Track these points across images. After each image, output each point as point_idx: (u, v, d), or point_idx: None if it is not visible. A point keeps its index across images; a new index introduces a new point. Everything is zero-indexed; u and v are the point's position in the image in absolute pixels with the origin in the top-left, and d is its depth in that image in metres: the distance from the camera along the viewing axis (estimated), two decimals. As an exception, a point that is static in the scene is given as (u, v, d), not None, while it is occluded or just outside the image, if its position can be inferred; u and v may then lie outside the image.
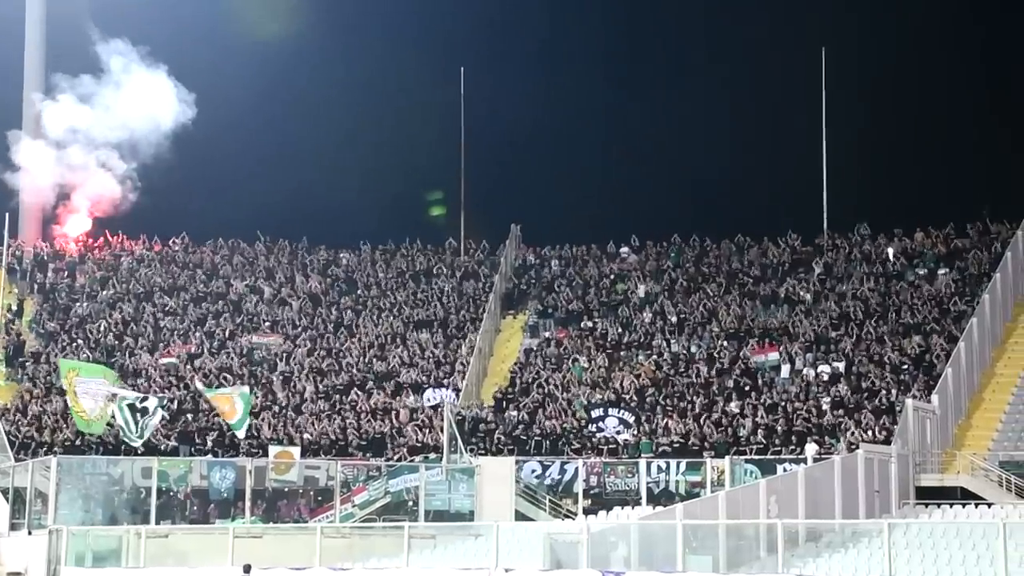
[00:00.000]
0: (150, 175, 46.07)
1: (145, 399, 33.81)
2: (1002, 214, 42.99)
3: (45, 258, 46.80)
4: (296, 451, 34.93)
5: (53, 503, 30.89)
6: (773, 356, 38.50)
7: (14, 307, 43.76)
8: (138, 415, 33.57)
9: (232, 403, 34.23)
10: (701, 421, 35.85)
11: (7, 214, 46.18)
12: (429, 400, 38.54)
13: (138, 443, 33.98)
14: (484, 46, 51.34)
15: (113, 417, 33.43)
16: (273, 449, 35.02)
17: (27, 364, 40.71)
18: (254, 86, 49.38)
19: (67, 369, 34.42)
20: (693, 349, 39.65)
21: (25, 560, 30.06)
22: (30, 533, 31.14)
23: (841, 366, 37.58)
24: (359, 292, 45.04)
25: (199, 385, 36.57)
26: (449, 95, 48.40)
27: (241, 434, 34.83)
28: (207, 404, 35.99)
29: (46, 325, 43.05)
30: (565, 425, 36.67)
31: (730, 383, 37.50)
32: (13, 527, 32.05)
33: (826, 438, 34.53)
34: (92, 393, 33.38)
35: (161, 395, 35.98)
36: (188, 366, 40.42)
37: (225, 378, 38.80)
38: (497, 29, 52.02)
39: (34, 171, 46.63)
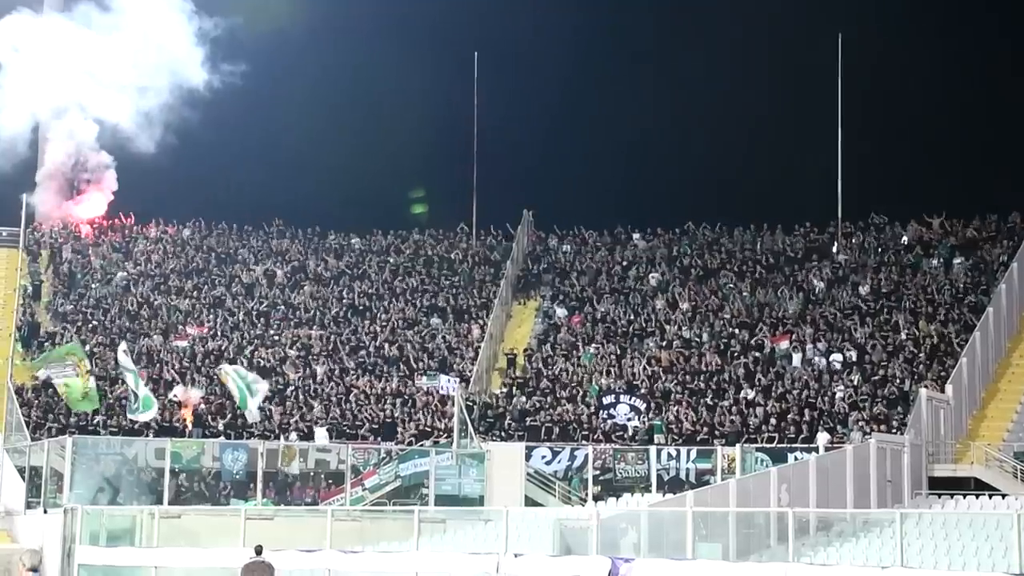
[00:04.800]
0: (168, 139, 45.81)
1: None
2: (1021, 203, 42.79)
3: (60, 240, 46.91)
4: (299, 446, 34.92)
5: (68, 482, 31.06)
6: (784, 345, 38.40)
7: (30, 288, 43.89)
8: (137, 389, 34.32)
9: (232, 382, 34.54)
10: (713, 409, 35.79)
11: (24, 196, 46.24)
12: (440, 385, 38.56)
13: (149, 415, 34.48)
14: (497, 31, 51.16)
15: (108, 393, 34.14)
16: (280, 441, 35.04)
17: (44, 345, 40.85)
18: (270, 72, 49.30)
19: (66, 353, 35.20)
20: (705, 337, 39.57)
21: (40, 538, 30.24)
22: (45, 512, 31.34)
23: (854, 355, 37.45)
24: (371, 277, 45.08)
25: (226, 368, 36.57)
26: (462, 80, 48.30)
27: (252, 415, 34.93)
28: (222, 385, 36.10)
29: (61, 307, 43.19)
30: (576, 411, 36.65)
31: (742, 371, 37.43)
32: (29, 505, 32.26)
33: (838, 427, 34.43)
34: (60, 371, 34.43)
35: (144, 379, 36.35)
36: (202, 349, 40.52)
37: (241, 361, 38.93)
38: (511, 14, 51.83)
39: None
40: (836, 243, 43.88)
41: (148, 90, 45.10)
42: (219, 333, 41.55)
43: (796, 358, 37.86)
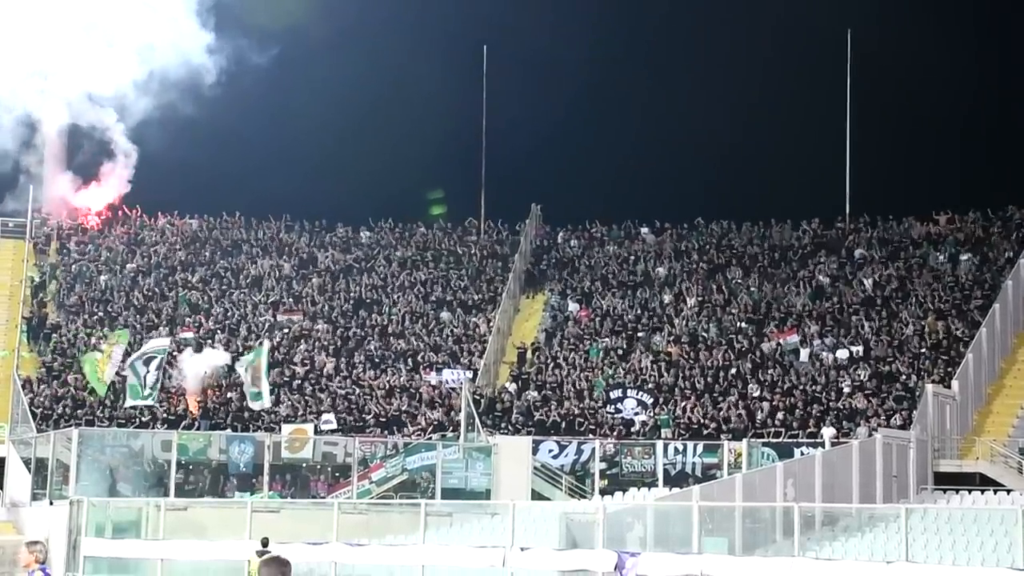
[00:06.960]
0: (168, 125, 45.62)
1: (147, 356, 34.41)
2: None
3: (67, 231, 46.97)
4: (310, 428, 35.00)
5: (74, 474, 31.11)
6: (792, 339, 38.38)
7: (36, 280, 43.96)
8: (144, 371, 34.18)
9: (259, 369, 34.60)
10: (719, 404, 35.79)
11: (31, 187, 46.27)
12: (447, 379, 38.59)
13: (149, 400, 34.34)
14: (506, 25, 51.17)
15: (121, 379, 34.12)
16: (287, 427, 35.11)
17: (50, 336, 40.94)
18: (279, 64, 49.37)
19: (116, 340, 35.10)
20: (712, 331, 39.56)
21: (46, 530, 30.31)
22: (51, 503, 31.40)
23: (860, 350, 37.42)
24: (379, 270, 45.09)
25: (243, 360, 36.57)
26: (471, 74, 48.30)
27: (265, 403, 34.95)
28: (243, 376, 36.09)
29: (68, 298, 43.25)
30: (583, 405, 36.67)
31: (748, 366, 37.42)
32: (35, 497, 32.32)
33: (844, 422, 34.41)
34: (115, 359, 34.35)
35: (159, 347, 35.85)
36: (211, 342, 40.58)
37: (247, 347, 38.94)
38: (520, 8, 51.85)
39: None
40: (848, 239, 43.82)
41: (154, 76, 45.02)
42: (226, 327, 41.60)
43: (803, 353, 37.83)
